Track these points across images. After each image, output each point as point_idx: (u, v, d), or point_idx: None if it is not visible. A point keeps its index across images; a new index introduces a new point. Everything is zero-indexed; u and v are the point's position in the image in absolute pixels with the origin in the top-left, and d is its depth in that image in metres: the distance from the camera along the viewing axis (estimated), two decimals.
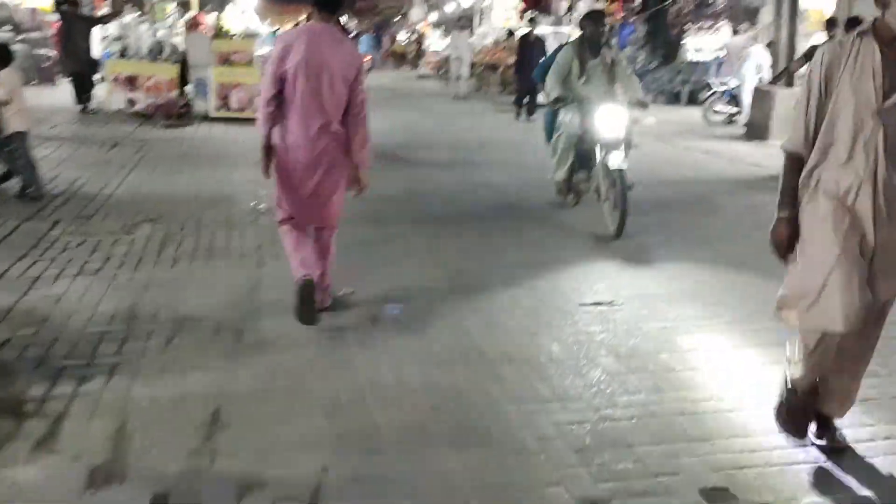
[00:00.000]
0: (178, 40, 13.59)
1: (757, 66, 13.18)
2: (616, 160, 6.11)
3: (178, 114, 13.06)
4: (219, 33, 14.53)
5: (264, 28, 20.56)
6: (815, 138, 2.79)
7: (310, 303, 4.00)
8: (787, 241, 2.88)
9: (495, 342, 4.07)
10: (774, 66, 12.24)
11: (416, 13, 45.98)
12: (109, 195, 7.28)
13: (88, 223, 6.29)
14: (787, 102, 11.32)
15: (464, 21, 20.63)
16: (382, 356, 3.86)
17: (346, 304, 4.50)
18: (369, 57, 29.02)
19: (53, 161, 8.82)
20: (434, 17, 42.60)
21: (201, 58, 13.22)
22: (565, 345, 4.06)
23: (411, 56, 36.54)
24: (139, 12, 23.27)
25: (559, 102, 6.64)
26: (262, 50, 16.81)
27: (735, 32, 19.12)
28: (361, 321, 4.34)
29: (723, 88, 14.76)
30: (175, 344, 3.96)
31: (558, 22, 26.08)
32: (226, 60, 13.32)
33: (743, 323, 4.37)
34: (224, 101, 13.19)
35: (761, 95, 11.87)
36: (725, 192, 8.42)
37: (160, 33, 13.54)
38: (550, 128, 7.24)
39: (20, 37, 17.56)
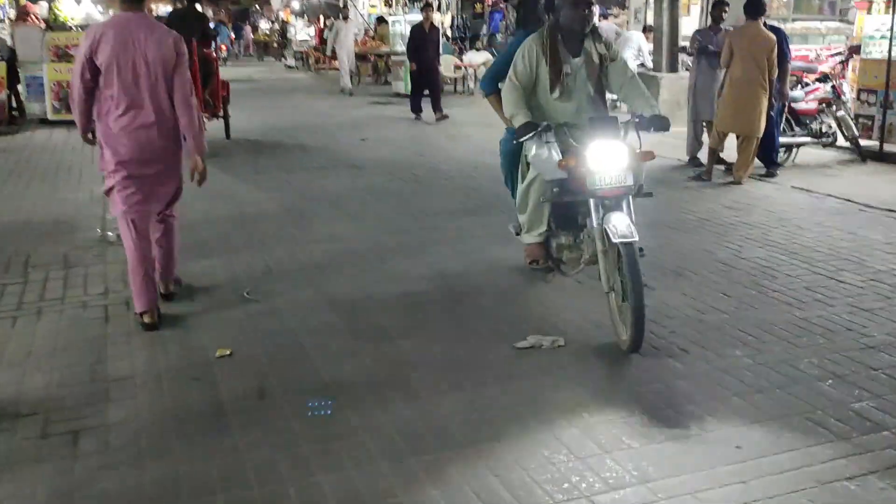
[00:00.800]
0: (4, 34, 11.75)
1: (637, 51, 12.92)
2: (621, 227, 3.64)
3: (8, 119, 11.34)
4: (53, 24, 12.73)
5: (105, 16, 18.57)
6: None
7: (153, 326, 4.03)
8: None
9: None
10: (657, 52, 11.99)
11: (276, 1, 44.08)
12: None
13: None
14: (673, 87, 11.12)
15: (343, 11, 18.87)
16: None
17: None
18: (224, 47, 27.27)
19: None
20: (296, 5, 40.92)
21: (33, 53, 11.50)
22: None
23: (275, 46, 34.91)
24: None
25: (527, 131, 4.05)
26: None
27: (603, 17, 19.07)
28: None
29: None
30: None
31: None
32: (63, 55, 11.66)
33: None
34: (63, 101, 11.56)
35: (646, 81, 11.55)
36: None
37: None
38: (511, 166, 5.03)
39: None
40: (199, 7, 11.05)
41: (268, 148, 9.95)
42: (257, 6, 45.93)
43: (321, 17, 30.06)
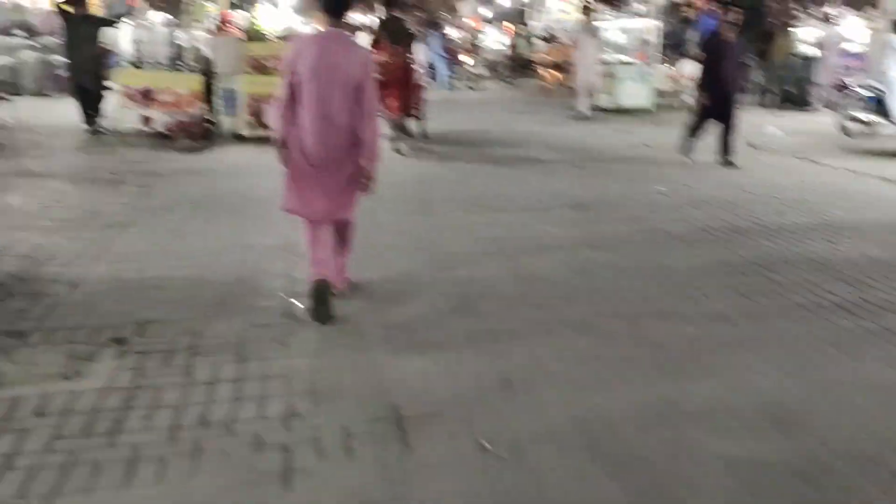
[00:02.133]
0: (203, 44, 11.24)
1: None
2: None
3: (202, 134, 10.77)
4: (251, 35, 12.11)
5: (306, 27, 18.16)
6: None
7: (324, 302, 4.25)
8: None
9: None
10: None
11: (465, 8, 43.50)
12: (75, 283, 4.90)
13: (14, 354, 3.87)
14: None
15: (587, 23, 15.18)
16: None
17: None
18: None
19: (21, 216, 6.53)
20: (486, 11, 40.09)
21: (230, 65, 10.88)
22: None
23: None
24: (171, 14, 21.19)
25: None
26: None
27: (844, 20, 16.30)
28: None
29: (864, 92, 11.97)
30: None
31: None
32: (259, 67, 10.97)
33: None
34: (256, 116, 10.85)
35: None
36: None
37: (181, 37, 11.19)
38: None
39: (33, 42, 15.57)
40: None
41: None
42: (446, 13, 45.58)
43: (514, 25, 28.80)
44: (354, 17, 34.72)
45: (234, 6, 19.12)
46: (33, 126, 11.37)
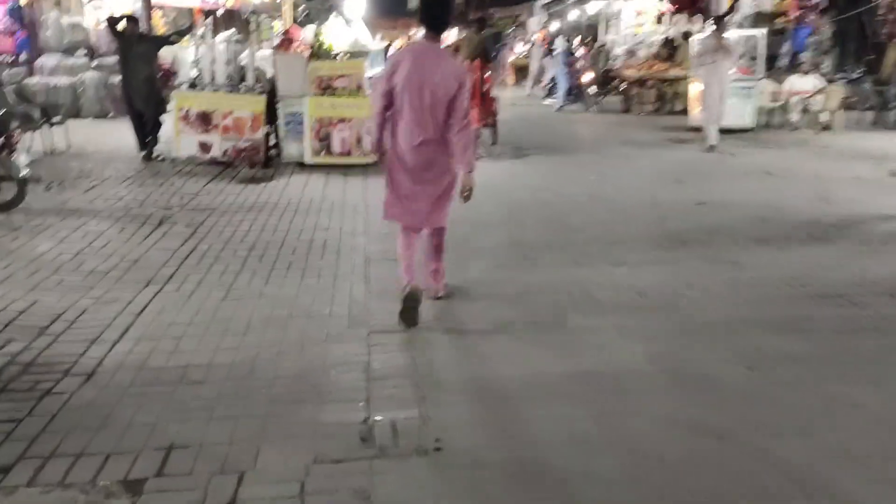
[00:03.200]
0: (266, 64, 10.20)
1: None
2: None
3: (264, 161, 9.76)
4: (317, 52, 11.02)
5: (374, 44, 17.12)
6: None
7: (414, 308, 4.31)
8: None
9: None
10: None
11: (533, 23, 42.23)
12: (89, 372, 3.76)
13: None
14: None
15: (719, 38, 12.53)
16: None
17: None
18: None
19: (48, 267, 5.50)
20: (554, 25, 38.77)
21: (294, 86, 9.83)
22: None
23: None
24: (237, 32, 20.36)
25: None
26: (372, 70, 13.45)
27: None
28: None
29: None
30: None
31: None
32: (326, 87, 9.91)
33: None
34: (324, 141, 9.79)
35: None
36: None
37: (244, 55, 10.18)
38: None
39: (95, 62, 14.94)
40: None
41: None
42: (513, 28, 44.38)
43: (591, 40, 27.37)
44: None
45: (300, 21, 18.15)
46: (87, 152, 10.58)
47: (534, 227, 6.84)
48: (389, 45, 23.80)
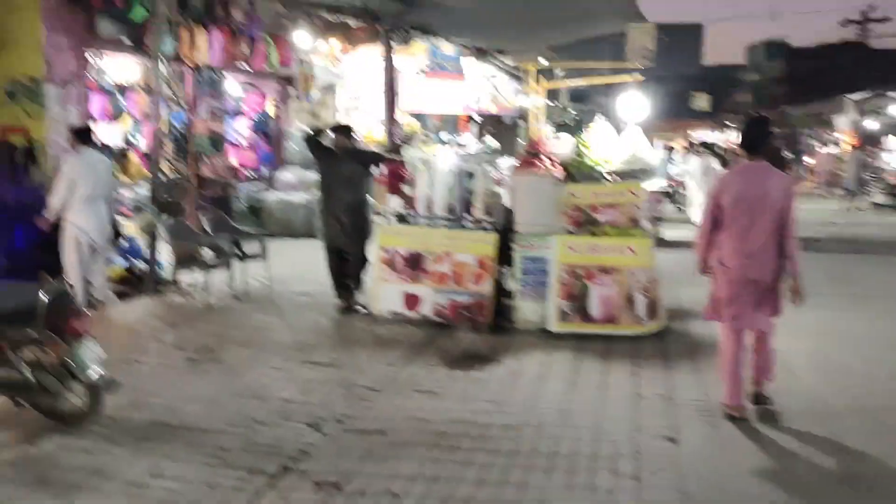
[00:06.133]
0: (502, 188, 7.33)
1: None
2: None
3: (491, 325, 6.85)
4: (576, 170, 7.88)
5: (655, 154, 13.83)
6: None
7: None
8: None
9: None
10: None
11: (842, 121, 36.19)
12: None
13: None
14: None
15: None
16: None
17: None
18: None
19: None
20: (871, 124, 32.65)
21: (538, 218, 6.90)
22: None
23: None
24: (494, 140, 18.10)
25: None
26: (652, 187, 10.16)
27: None
28: None
29: None
30: None
31: None
32: (584, 222, 6.86)
33: None
34: (576, 300, 6.66)
35: None
36: None
37: (477, 174, 7.41)
38: None
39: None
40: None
41: None
42: (818, 126, 38.43)
43: None
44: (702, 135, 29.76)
45: (556, 130, 15.26)
46: (283, 293, 8.41)
47: None
48: (672, 150, 20.17)
